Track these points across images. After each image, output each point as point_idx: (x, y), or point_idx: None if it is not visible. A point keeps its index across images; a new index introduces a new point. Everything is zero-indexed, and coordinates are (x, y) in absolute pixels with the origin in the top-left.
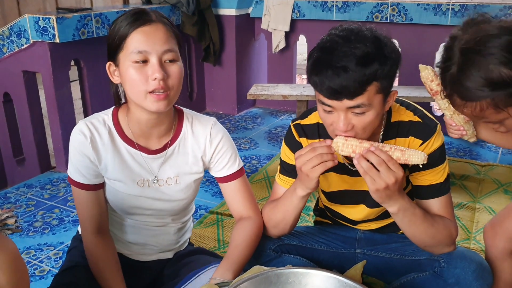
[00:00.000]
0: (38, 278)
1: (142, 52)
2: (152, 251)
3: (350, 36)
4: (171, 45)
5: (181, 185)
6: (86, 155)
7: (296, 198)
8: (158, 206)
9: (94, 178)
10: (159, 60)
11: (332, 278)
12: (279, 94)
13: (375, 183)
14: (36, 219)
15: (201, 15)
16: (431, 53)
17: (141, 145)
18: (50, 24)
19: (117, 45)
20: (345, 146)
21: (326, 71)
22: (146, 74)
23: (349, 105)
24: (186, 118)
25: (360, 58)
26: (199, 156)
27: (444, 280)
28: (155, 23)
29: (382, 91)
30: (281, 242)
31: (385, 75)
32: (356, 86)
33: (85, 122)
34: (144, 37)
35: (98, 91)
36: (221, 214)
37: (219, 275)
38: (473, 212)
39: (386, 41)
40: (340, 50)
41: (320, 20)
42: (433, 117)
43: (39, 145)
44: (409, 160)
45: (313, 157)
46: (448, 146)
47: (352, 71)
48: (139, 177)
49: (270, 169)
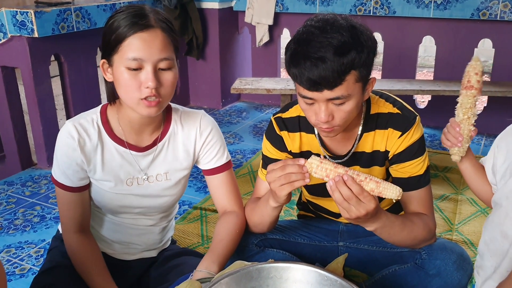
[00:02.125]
0: (19, 276)
1: (138, 60)
2: (136, 250)
3: (326, 26)
4: (167, 53)
5: (171, 181)
6: (73, 158)
7: (269, 208)
8: (147, 204)
9: (79, 180)
10: (154, 68)
11: (313, 272)
12: (263, 88)
13: (346, 214)
14: (16, 216)
15: (184, 8)
16: (414, 46)
17: (130, 143)
18: (28, 18)
19: (113, 46)
20: (319, 168)
21: (305, 63)
22: (139, 81)
23: (329, 97)
24: (175, 113)
25: (337, 47)
26: (190, 150)
27: (425, 271)
28: (154, 29)
29: (361, 80)
30: (264, 236)
31: (362, 63)
32: (335, 76)
33: (73, 123)
34: (141, 44)
35: (79, 86)
36: (205, 210)
37: (204, 267)
38: (455, 203)
39: (362, 29)
40: (316, 41)
41: (303, 14)
42: (412, 109)
43: (20, 142)
44: (383, 193)
45: (281, 176)
46: (431, 139)
47: (330, 61)
48: (128, 176)
49: (255, 164)
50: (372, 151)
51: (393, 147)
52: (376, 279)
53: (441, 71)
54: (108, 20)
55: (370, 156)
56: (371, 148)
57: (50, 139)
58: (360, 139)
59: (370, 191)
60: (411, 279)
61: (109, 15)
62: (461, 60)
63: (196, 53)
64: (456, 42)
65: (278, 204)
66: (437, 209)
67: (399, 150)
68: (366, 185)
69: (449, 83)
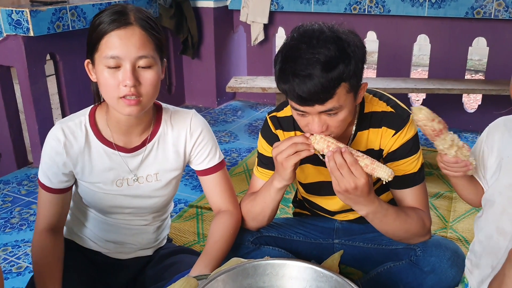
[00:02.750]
0: (16, 275)
1: (115, 58)
2: (131, 249)
3: (312, 40)
4: (146, 50)
5: (162, 182)
6: (55, 161)
7: (273, 191)
8: (137, 204)
9: (59, 183)
10: (132, 66)
11: (309, 269)
12: (258, 87)
13: (337, 185)
14: (13, 215)
15: (179, 7)
16: (409, 45)
17: (119, 145)
18: (24, 17)
19: (93, 45)
20: (322, 140)
21: (293, 80)
22: (118, 80)
23: (321, 110)
24: (165, 113)
25: (325, 63)
26: (181, 151)
27: (420, 268)
28: (131, 26)
29: (352, 90)
30: (259, 234)
31: (351, 74)
32: (325, 91)
33: (61, 126)
34: (118, 41)
35: (75, 85)
36: (200, 208)
37: (198, 271)
38: (450, 201)
39: (349, 39)
40: (303, 57)
41: (298, 12)
42: (406, 108)
43: (15, 141)
44: (375, 171)
45: (288, 147)
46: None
47: (318, 78)
48: (117, 177)
49: (250, 162)
50: (366, 149)
51: (387, 145)
52: (371, 276)
53: (436, 70)
54: (92, 20)
55: None
56: (365, 147)
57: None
58: (354, 138)
59: (364, 167)
60: (406, 276)
61: None
62: (455, 59)
63: (191, 52)
64: (451, 41)
65: (285, 182)
66: (432, 206)
67: (393, 148)
68: (361, 161)
69: (443, 81)
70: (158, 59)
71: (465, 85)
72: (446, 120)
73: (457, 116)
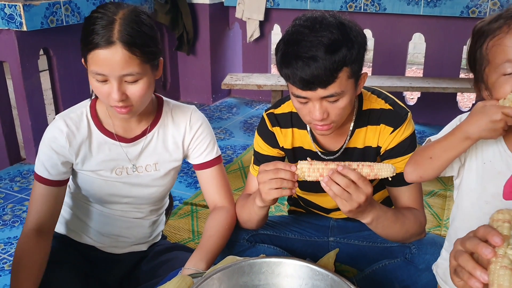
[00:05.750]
0: (8, 272)
1: (101, 75)
2: (125, 243)
3: (315, 25)
4: (131, 68)
5: (161, 172)
6: (56, 152)
7: (256, 207)
8: (136, 193)
9: (58, 175)
10: (118, 82)
11: (305, 267)
12: (253, 84)
13: (347, 205)
14: (5, 212)
15: (174, 3)
16: (404, 43)
17: (120, 135)
18: (17, 11)
19: (85, 51)
20: (311, 170)
21: (296, 63)
22: (107, 91)
23: (323, 95)
24: (166, 105)
25: (328, 46)
26: (180, 143)
27: (415, 266)
28: (114, 45)
29: (353, 75)
30: (255, 232)
31: (354, 59)
32: (328, 74)
33: (63, 117)
34: (102, 61)
35: (68, 81)
36: (195, 205)
37: (192, 264)
38: (444, 199)
39: (351, 25)
40: (307, 40)
41: (294, 10)
42: (404, 105)
43: (8, 137)
44: (378, 174)
45: (273, 180)
46: (420, 135)
47: (322, 60)
48: (117, 166)
49: (245, 159)
50: (363, 146)
51: (384, 142)
52: (366, 274)
53: (431, 68)
54: (85, 19)
55: (362, 152)
56: (363, 144)
57: (38, 134)
58: (352, 135)
59: (367, 176)
60: (401, 273)
61: None
62: (450, 58)
63: (186, 48)
64: (446, 40)
65: (264, 205)
66: (426, 205)
67: (391, 146)
68: (361, 172)
69: (438, 80)
70: (147, 69)
71: (460, 83)
72: (440, 118)
73: (451, 114)
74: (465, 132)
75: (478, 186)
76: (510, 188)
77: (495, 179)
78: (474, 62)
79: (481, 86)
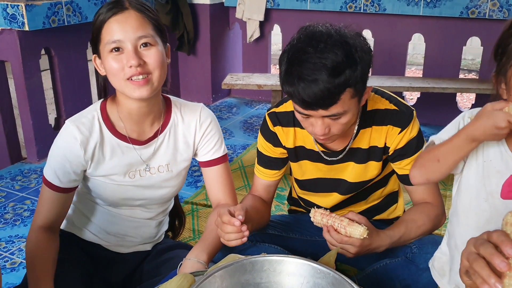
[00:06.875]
0: (10, 270)
1: (116, 42)
2: (131, 243)
3: (319, 44)
4: (145, 31)
5: (173, 173)
6: (70, 160)
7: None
8: (148, 195)
9: (68, 182)
10: (134, 47)
11: (307, 265)
12: (254, 84)
13: (348, 254)
14: (6, 210)
15: (175, 3)
16: (404, 43)
17: (132, 138)
18: (19, 11)
19: (96, 37)
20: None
21: (299, 84)
22: (122, 63)
23: (324, 114)
24: (175, 105)
25: (331, 69)
26: (190, 141)
27: (416, 265)
28: (127, 10)
29: (357, 94)
30: (256, 231)
31: (357, 80)
32: (330, 96)
33: (75, 123)
34: (117, 26)
35: (69, 80)
36: (196, 204)
37: (194, 255)
38: (444, 199)
39: (356, 43)
40: (310, 62)
41: (294, 10)
42: (407, 104)
43: (9, 136)
44: (351, 234)
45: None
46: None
47: (324, 83)
48: (130, 169)
49: (245, 159)
50: (369, 147)
51: (393, 143)
52: (367, 273)
53: (430, 69)
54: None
55: (367, 152)
56: (368, 144)
57: (40, 133)
58: (357, 136)
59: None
60: (401, 272)
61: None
62: (450, 58)
63: (187, 48)
64: (445, 40)
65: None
66: None
67: (400, 145)
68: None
69: (438, 80)
70: (159, 39)
71: (460, 84)
72: (440, 118)
73: (451, 114)
74: (471, 135)
75: (477, 183)
76: (508, 188)
77: (494, 177)
78: (502, 53)
79: (500, 79)
